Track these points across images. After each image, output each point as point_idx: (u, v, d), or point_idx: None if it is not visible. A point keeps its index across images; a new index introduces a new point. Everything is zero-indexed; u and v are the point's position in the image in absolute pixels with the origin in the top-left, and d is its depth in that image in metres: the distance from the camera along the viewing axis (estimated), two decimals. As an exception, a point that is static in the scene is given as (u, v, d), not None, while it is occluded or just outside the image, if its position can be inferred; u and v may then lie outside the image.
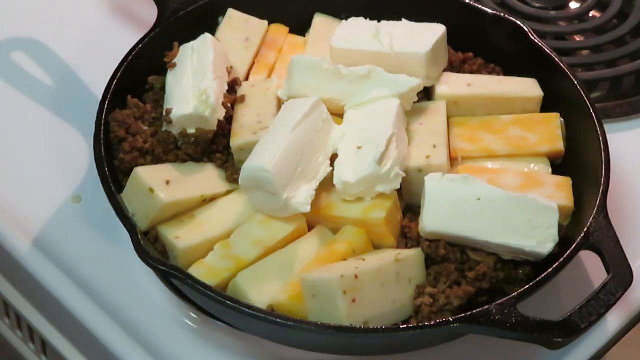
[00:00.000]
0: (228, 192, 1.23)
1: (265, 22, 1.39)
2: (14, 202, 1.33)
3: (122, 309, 1.23)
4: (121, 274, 1.26)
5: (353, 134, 1.22)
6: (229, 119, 1.27)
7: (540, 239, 1.14)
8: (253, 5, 1.38)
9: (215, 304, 1.10)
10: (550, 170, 1.26)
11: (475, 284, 1.15)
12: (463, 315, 1.09)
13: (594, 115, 1.25)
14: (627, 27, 1.58)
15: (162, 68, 1.30)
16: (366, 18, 1.33)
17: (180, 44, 1.31)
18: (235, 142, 1.24)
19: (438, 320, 1.09)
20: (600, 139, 1.23)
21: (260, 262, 1.17)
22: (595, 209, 1.16)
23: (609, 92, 1.53)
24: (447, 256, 1.17)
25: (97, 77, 1.35)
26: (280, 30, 1.39)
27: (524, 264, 1.17)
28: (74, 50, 1.49)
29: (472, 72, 1.35)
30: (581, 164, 1.25)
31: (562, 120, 1.29)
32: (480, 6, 1.38)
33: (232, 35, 1.36)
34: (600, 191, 1.18)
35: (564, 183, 1.23)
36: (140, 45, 1.31)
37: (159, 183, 1.19)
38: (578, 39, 1.59)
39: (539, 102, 1.31)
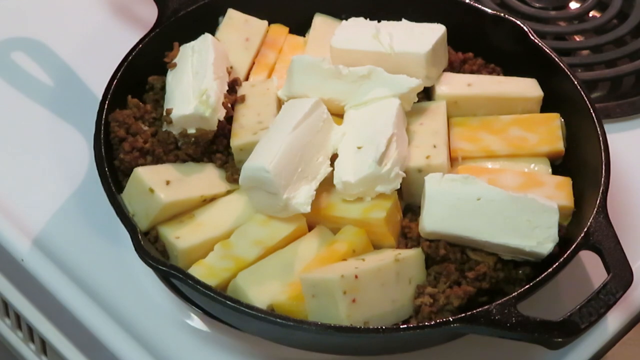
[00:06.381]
0: (228, 192, 1.23)
1: (265, 22, 1.39)
2: (14, 202, 1.33)
3: (122, 309, 1.23)
4: (121, 274, 1.26)
5: (353, 134, 1.22)
6: (229, 119, 1.27)
7: (540, 239, 1.14)
8: (253, 5, 1.38)
9: (215, 304, 1.10)
10: (550, 170, 1.26)
11: (475, 284, 1.15)
12: (463, 315, 1.09)
13: (594, 115, 1.25)
14: (627, 27, 1.59)
15: (162, 68, 1.30)
16: (366, 18, 1.33)
17: (180, 44, 1.31)
18: (235, 142, 1.24)
19: (438, 320, 1.09)
20: (600, 139, 1.23)
21: (260, 262, 1.17)
22: (595, 209, 1.16)
23: (609, 92, 1.53)
24: (447, 256, 1.17)
25: (97, 77, 1.35)
26: (280, 30, 1.39)
27: (524, 264, 1.17)
28: (74, 50, 1.49)
29: (472, 72, 1.35)
30: (581, 164, 1.25)
31: (562, 120, 1.30)
32: (480, 6, 1.38)
33: (232, 35, 1.36)
34: (600, 191, 1.18)
35: (564, 183, 1.23)
36: (140, 45, 1.31)
37: (159, 183, 1.19)
38: (578, 39, 1.59)
39: (539, 102, 1.31)
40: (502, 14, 1.37)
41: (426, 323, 1.09)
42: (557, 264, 1.13)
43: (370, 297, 1.11)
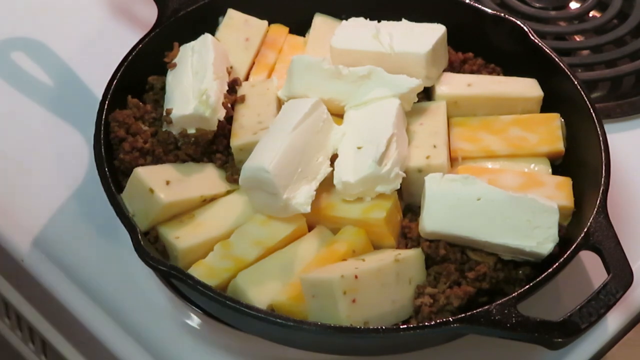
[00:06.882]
0: (228, 192, 1.23)
1: (265, 22, 1.39)
2: (14, 202, 1.33)
3: (122, 309, 1.23)
4: (121, 274, 1.26)
5: (353, 134, 1.22)
6: (229, 119, 1.27)
7: (540, 239, 1.14)
8: (253, 5, 1.38)
9: (215, 304, 1.10)
10: (550, 170, 1.26)
11: (475, 284, 1.15)
12: (463, 315, 1.09)
13: (594, 115, 1.25)
14: (627, 27, 1.58)
15: (162, 68, 1.30)
16: (366, 18, 1.33)
17: (180, 44, 1.31)
18: (235, 142, 1.24)
19: (438, 321, 1.09)
20: (600, 139, 1.23)
21: (260, 262, 1.17)
22: (595, 209, 1.16)
23: (609, 92, 1.53)
24: (447, 256, 1.17)
25: (97, 77, 1.35)
26: (280, 30, 1.39)
27: (524, 264, 1.17)
28: (74, 50, 1.49)
29: (472, 72, 1.35)
30: (581, 164, 1.25)
31: (562, 120, 1.30)
32: (480, 6, 1.38)
33: (232, 36, 1.36)
34: (600, 191, 1.18)
35: (564, 183, 1.23)
36: (140, 45, 1.31)
37: (159, 183, 1.19)
38: (578, 39, 1.59)
39: (539, 102, 1.31)
40: (502, 14, 1.37)
41: (426, 323, 1.09)
42: (557, 264, 1.13)
43: (370, 298, 1.11)
